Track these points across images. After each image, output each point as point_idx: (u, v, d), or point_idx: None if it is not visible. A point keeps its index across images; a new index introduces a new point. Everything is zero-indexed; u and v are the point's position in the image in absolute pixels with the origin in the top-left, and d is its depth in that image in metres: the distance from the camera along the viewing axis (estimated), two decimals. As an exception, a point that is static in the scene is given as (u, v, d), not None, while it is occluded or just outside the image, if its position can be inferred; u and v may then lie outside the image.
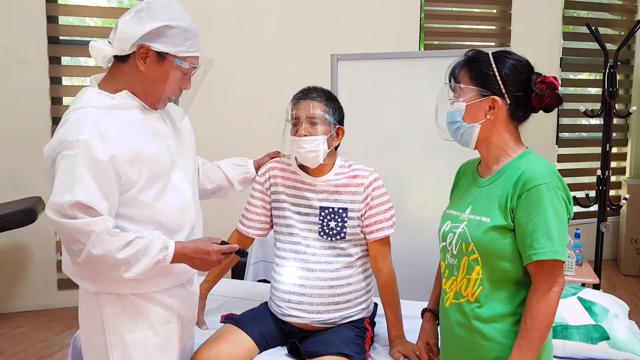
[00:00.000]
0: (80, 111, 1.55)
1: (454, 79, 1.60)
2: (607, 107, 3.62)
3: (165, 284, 1.69)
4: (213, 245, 1.65)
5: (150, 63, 1.61)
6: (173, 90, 1.67)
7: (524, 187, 1.45)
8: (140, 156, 1.57)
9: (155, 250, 1.55)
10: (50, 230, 4.07)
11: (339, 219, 2.03)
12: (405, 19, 4.68)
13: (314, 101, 2.01)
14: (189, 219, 1.73)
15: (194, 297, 1.85)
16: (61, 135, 1.51)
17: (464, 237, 1.54)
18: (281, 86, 2.91)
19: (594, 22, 4.79)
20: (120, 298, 1.64)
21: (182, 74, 1.65)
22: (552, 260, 1.41)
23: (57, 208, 1.46)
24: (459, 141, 1.62)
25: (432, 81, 2.70)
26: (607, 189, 3.68)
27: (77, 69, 4.29)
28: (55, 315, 3.97)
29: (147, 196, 1.60)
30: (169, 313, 1.72)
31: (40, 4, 3.93)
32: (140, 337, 1.66)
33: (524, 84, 1.54)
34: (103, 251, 1.48)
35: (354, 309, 2.06)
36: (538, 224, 1.42)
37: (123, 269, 1.53)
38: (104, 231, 1.48)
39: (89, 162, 1.47)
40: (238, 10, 4.29)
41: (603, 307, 2.05)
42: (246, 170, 2.18)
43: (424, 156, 2.86)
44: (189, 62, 1.64)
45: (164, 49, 1.60)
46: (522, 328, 1.44)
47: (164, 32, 1.59)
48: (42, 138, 3.99)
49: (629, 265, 5.01)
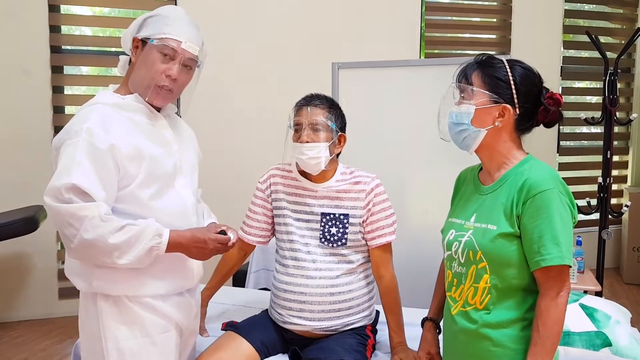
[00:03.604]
0: (90, 107, 1.63)
1: (466, 79, 1.57)
2: (607, 115, 3.63)
3: (162, 288, 1.69)
4: (209, 233, 1.67)
5: (138, 52, 1.69)
6: (155, 75, 1.66)
7: (528, 194, 1.45)
8: (140, 153, 1.61)
9: (148, 237, 1.56)
10: (51, 240, 4.09)
11: (340, 225, 2.03)
12: (406, 28, 4.70)
13: (316, 108, 2.02)
14: (188, 225, 1.73)
15: (193, 308, 1.84)
16: (68, 126, 1.58)
17: (471, 246, 1.54)
18: (283, 94, 2.92)
19: (594, 31, 4.81)
20: (117, 304, 1.64)
21: (160, 55, 1.66)
22: (559, 266, 1.42)
23: (54, 192, 1.49)
24: (459, 143, 1.61)
25: (432, 89, 2.71)
26: (609, 196, 3.68)
27: (80, 79, 4.31)
28: (56, 324, 3.96)
29: (145, 194, 1.62)
30: (166, 322, 1.71)
31: (43, 14, 3.95)
32: (136, 345, 1.65)
33: (534, 96, 1.54)
34: (95, 235, 1.49)
35: (356, 316, 2.06)
36: (544, 230, 1.42)
37: (116, 254, 1.53)
38: (97, 216, 1.49)
39: (89, 149, 1.52)
40: (239, 18, 4.32)
41: (605, 313, 2.05)
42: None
43: (425, 163, 2.86)
44: (163, 42, 1.65)
45: (145, 34, 1.67)
46: (534, 335, 1.44)
47: (147, 21, 1.69)
48: (44, 147, 3.98)
49: (631, 274, 4.99)
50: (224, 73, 4.13)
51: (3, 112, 3.94)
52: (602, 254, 3.71)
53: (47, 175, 1.51)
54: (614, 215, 3.75)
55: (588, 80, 5.64)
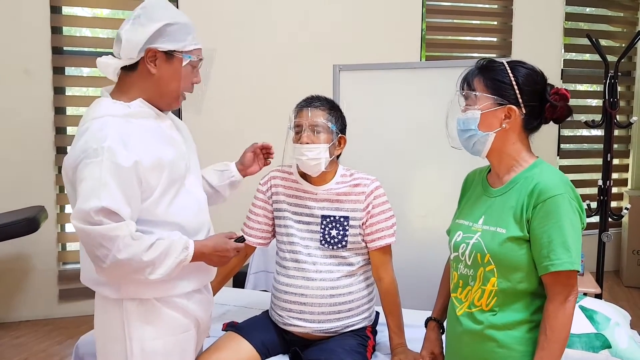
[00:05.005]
0: (100, 120, 1.57)
1: (468, 86, 1.58)
2: (608, 118, 3.63)
3: (188, 286, 1.70)
4: (230, 242, 1.70)
5: (160, 64, 1.64)
6: (186, 86, 1.71)
7: (539, 198, 1.45)
8: (161, 162, 1.60)
9: (177, 251, 1.58)
10: (51, 241, 4.09)
11: (340, 228, 2.03)
12: (407, 31, 4.71)
13: (317, 109, 2.02)
14: (204, 221, 1.76)
15: (210, 304, 1.86)
16: (84, 144, 1.52)
17: (479, 248, 1.54)
18: (283, 96, 2.92)
19: (595, 34, 4.81)
20: (144, 304, 1.64)
21: (191, 68, 1.69)
22: (568, 271, 1.42)
23: (83, 215, 1.47)
24: (470, 150, 1.61)
25: (433, 91, 2.73)
26: (609, 199, 3.68)
27: (81, 80, 4.31)
28: (56, 325, 3.95)
29: (165, 201, 1.62)
30: (189, 320, 1.72)
31: (44, 15, 3.96)
32: (161, 345, 1.66)
33: (538, 94, 1.55)
34: (129, 255, 1.49)
35: (356, 318, 2.06)
36: (554, 235, 1.43)
37: (148, 271, 1.54)
38: (128, 235, 1.49)
39: (113, 169, 1.49)
40: (240, 20, 4.33)
41: (605, 315, 2.05)
42: (230, 174, 2.12)
43: (425, 166, 2.87)
44: (195, 55, 1.68)
45: (170, 46, 1.63)
46: (541, 339, 1.44)
47: (166, 30, 1.62)
48: (45, 148, 4.01)
49: (631, 277, 4.99)
50: (224, 75, 4.13)
51: (4, 112, 3.94)
52: (602, 257, 3.71)
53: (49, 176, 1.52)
54: (614, 218, 3.75)
55: (588, 83, 5.64)
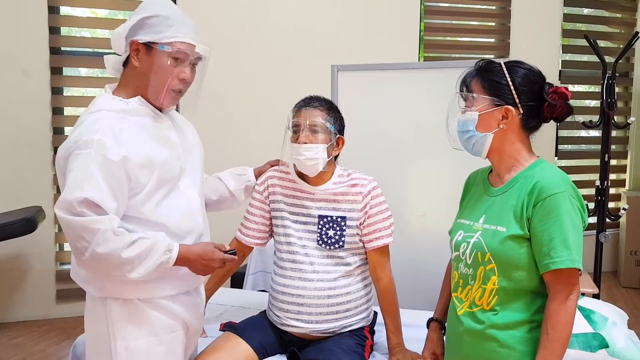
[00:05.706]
0: (96, 114, 1.59)
1: (466, 88, 1.60)
2: (605, 118, 3.63)
3: (172, 289, 1.70)
4: (218, 252, 1.68)
5: (141, 57, 1.65)
6: (169, 80, 1.66)
7: (539, 196, 1.46)
8: (151, 161, 1.60)
9: (159, 252, 1.57)
10: (49, 241, 4.08)
11: (337, 228, 2.03)
12: (405, 32, 4.71)
13: (315, 109, 2.03)
14: (195, 226, 1.74)
15: (200, 307, 1.85)
16: (76, 136, 1.54)
17: (479, 247, 1.54)
18: (282, 96, 2.93)
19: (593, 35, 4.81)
20: (127, 304, 1.64)
21: (172, 60, 1.65)
22: (569, 269, 1.42)
23: (66, 205, 1.48)
24: (470, 150, 1.63)
25: (431, 92, 2.74)
26: (607, 199, 3.69)
27: (79, 80, 4.31)
28: (53, 325, 3.95)
29: (153, 199, 1.62)
30: (175, 321, 1.72)
31: (42, 15, 3.96)
32: (144, 345, 1.66)
33: (536, 94, 1.55)
34: (108, 249, 1.49)
35: (354, 318, 2.06)
36: (555, 233, 1.43)
37: (127, 268, 1.54)
38: (109, 229, 1.49)
39: (101, 162, 1.50)
40: (239, 20, 4.33)
41: (602, 315, 2.05)
42: (247, 179, 2.19)
43: (423, 166, 2.87)
44: (174, 47, 1.64)
45: (149, 38, 1.63)
46: (543, 338, 1.44)
47: (146, 23, 1.63)
48: (43, 148, 4.01)
49: (628, 277, 5.00)
50: (223, 75, 4.13)
51: (2, 112, 3.94)
52: (599, 257, 3.71)
53: (46, 176, 1.52)
54: (611, 219, 3.75)
55: (586, 84, 5.65)
